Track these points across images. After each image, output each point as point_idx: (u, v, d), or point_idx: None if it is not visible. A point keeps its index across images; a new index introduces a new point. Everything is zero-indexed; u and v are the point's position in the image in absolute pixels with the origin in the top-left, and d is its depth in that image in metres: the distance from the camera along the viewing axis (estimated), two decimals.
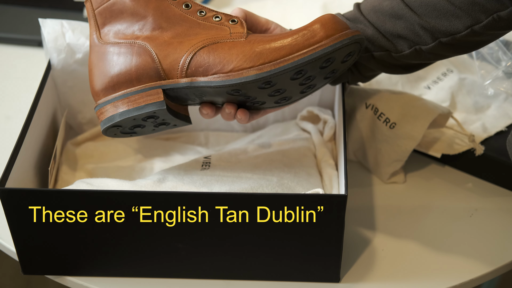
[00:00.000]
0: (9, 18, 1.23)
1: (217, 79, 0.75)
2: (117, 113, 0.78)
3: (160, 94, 0.77)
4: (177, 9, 0.79)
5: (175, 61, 0.77)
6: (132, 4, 0.79)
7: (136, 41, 0.79)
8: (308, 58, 0.74)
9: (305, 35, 0.75)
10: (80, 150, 0.96)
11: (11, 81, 1.13)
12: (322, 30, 0.75)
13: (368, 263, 0.84)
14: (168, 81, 0.78)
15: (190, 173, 0.85)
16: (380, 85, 1.05)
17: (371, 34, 0.81)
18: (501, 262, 0.84)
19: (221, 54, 0.76)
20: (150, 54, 0.78)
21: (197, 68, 0.76)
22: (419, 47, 0.81)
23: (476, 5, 0.76)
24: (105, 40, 0.80)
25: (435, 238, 0.87)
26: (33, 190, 0.76)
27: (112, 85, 0.79)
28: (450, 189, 0.95)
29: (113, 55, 0.79)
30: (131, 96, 0.78)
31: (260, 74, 0.74)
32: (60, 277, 0.82)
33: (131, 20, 0.80)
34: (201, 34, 0.78)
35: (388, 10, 0.80)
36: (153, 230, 0.77)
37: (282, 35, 0.76)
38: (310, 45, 0.75)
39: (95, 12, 0.80)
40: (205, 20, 0.79)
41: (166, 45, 0.78)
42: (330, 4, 1.23)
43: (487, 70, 1.03)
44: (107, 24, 0.80)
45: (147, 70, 0.78)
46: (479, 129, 0.98)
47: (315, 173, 0.88)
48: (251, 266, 0.80)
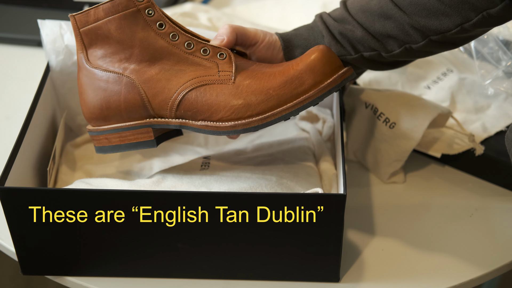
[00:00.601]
0: (9, 18, 1.23)
1: (206, 129, 0.77)
2: (109, 146, 0.82)
3: (150, 133, 0.80)
4: (163, 41, 0.77)
5: (164, 101, 0.78)
6: (118, 33, 0.78)
7: (124, 73, 0.78)
8: (295, 112, 0.76)
9: (293, 83, 0.76)
10: (80, 151, 0.96)
11: (11, 81, 1.13)
12: (310, 77, 0.76)
13: (367, 263, 0.84)
14: (159, 120, 0.79)
15: (189, 173, 0.85)
16: (380, 85, 1.05)
17: (361, 36, 0.81)
18: (501, 262, 0.84)
19: (209, 100, 0.76)
20: (139, 91, 0.78)
21: (186, 111, 0.77)
22: (409, 46, 0.80)
23: (466, 4, 0.76)
24: (93, 64, 0.79)
25: (435, 238, 0.87)
26: (33, 189, 0.76)
27: (102, 116, 0.80)
28: (450, 189, 0.95)
29: (101, 83, 0.79)
30: (122, 132, 0.80)
31: (248, 128, 0.76)
32: (60, 277, 0.82)
33: (117, 47, 0.78)
34: (189, 71, 0.78)
35: (377, 10, 0.80)
36: (153, 230, 0.77)
37: (270, 78, 0.76)
38: (298, 95, 0.76)
39: (80, 31, 0.79)
40: (192, 54, 0.78)
41: (154, 82, 0.78)
42: (330, 4, 1.23)
43: (487, 70, 1.03)
44: (93, 46, 0.79)
45: (136, 108, 0.79)
46: (479, 129, 0.98)
47: (315, 173, 0.88)
48: (250, 266, 0.80)
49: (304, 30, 0.85)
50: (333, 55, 0.77)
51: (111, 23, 0.77)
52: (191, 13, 1.12)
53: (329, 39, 0.82)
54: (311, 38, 0.83)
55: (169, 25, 0.77)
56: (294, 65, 0.77)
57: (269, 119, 0.76)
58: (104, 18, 0.77)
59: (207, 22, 1.10)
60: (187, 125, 0.78)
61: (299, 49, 0.83)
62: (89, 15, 0.77)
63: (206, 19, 1.11)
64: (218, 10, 1.21)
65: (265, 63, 0.81)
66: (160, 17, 0.77)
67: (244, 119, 0.76)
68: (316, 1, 1.24)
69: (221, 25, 1.10)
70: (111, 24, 0.77)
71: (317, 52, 0.77)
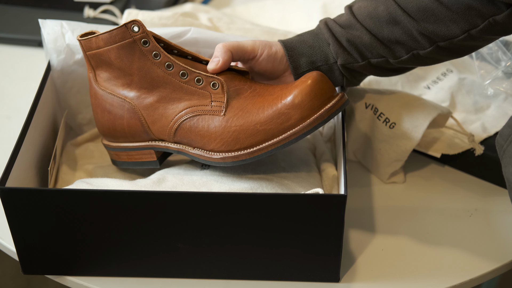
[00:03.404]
0: (9, 18, 1.23)
1: (200, 158, 0.81)
2: (119, 161, 0.89)
3: (153, 155, 0.86)
4: (159, 70, 0.80)
5: (162, 128, 0.82)
6: (117, 62, 0.81)
7: (126, 99, 0.82)
8: (283, 147, 0.78)
9: (280, 118, 0.77)
10: (80, 150, 0.96)
11: (11, 81, 1.13)
12: (296, 112, 0.77)
13: (368, 263, 0.84)
14: (159, 144, 0.84)
15: (190, 173, 0.85)
16: (380, 85, 1.05)
17: (369, 42, 0.81)
18: (501, 261, 0.84)
19: (201, 131, 0.80)
20: (139, 117, 0.82)
21: (182, 139, 0.81)
22: (416, 52, 0.81)
23: (472, 10, 0.76)
24: (100, 85, 0.83)
25: (434, 238, 0.87)
26: (33, 190, 0.76)
27: (111, 135, 0.86)
28: (450, 189, 0.95)
29: (107, 105, 0.84)
30: (129, 151, 0.87)
31: (236, 162, 0.79)
32: (60, 277, 0.82)
33: (119, 73, 0.82)
34: (184, 100, 0.80)
35: (385, 16, 0.80)
36: (153, 230, 0.77)
37: (259, 111, 0.78)
38: (285, 130, 0.77)
39: (87, 54, 0.83)
40: (187, 84, 0.80)
41: (153, 109, 0.82)
42: (330, 4, 1.23)
43: (486, 70, 1.03)
44: (99, 68, 0.83)
45: (138, 132, 0.84)
46: (479, 129, 0.98)
47: (315, 173, 0.88)
48: (251, 266, 0.80)
49: (309, 36, 0.84)
50: (324, 86, 0.77)
51: (111, 52, 0.80)
52: (191, 13, 1.12)
53: (335, 47, 0.82)
54: (316, 46, 0.83)
55: (163, 55, 0.80)
56: (283, 95, 0.78)
57: (257, 154, 0.78)
58: (104, 47, 0.80)
59: (207, 22, 1.10)
60: (184, 151, 0.82)
61: (304, 57, 0.83)
62: (92, 42, 0.81)
63: (207, 19, 1.11)
64: (218, 10, 1.21)
65: (260, 85, 0.82)
66: (155, 47, 0.80)
67: (233, 152, 0.79)
68: (316, 1, 1.24)
69: (221, 25, 1.10)
70: (111, 53, 0.80)
71: (306, 84, 0.77)
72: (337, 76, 0.84)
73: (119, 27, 0.79)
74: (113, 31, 0.79)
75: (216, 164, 0.80)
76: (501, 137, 0.76)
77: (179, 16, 1.09)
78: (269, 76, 0.86)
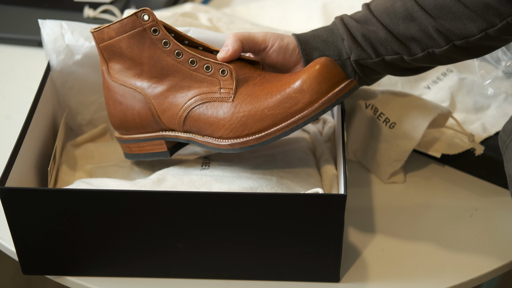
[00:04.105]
0: (9, 18, 1.23)
1: (209, 145, 0.81)
2: (130, 154, 0.89)
3: (163, 145, 0.86)
4: (169, 58, 0.81)
5: (172, 117, 0.82)
6: (128, 51, 0.82)
7: (137, 89, 0.83)
8: (291, 131, 0.77)
9: (287, 102, 0.77)
10: (80, 151, 0.96)
11: (11, 81, 1.13)
12: (304, 96, 0.76)
13: (367, 263, 0.84)
14: (169, 134, 0.84)
15: (190, 173, 0.85)
16: (380, 85, 1.05)
17: (384, 37, 0.80)
18: (501, 262, 0.84)
19: (210, 118, 0.79)
20: (149, 107, 0.83)
21: (192, 127, 0.81)
22: (432, 50, 0.80)
23: (490, 9, 0.75)
24: (113, 77, 0.84)
25: (434, 238, 0.87)
26: (33, 190, 0.76)
27: (123, 127, 0.87)
28: (450, 189, 0.95)
29: (119, 97, 0.85)
30: (140, 143, 0.87)
31: (245, 147, 0.78)
32: (60, 277, 0.82)
33: (130, 64, 0.83)
34: (194, 88, 0.81)
35: (402, 12, 0.79)
36: (153, 230, 0.77)
37: (267, 96, 0.78)
38: (293, 115, 0.77)
39: (100, 46, 0.83)
40: (196, 71, 0.80)
41: (163, 98, 0.82)
42: (330, 4, 1.23)
43: (486, 70, 1.03)
44: (112, 60, 0.84)
45: (148, 122, 0.84)
46: (479, 129, 0.98)
47: (315, 173, 0.88)
48: (250, 266, 0.80)
49: (323, 31, 0.84)
50: (332, 70, 0.77)
51: (122, 42, 0.81)
52: (191, 13, 1.12)
53: (349, 42, 0.81)
54: (330, 40, 0.83)
55: (173, 43, 0.80)
56: (292, 80, 0.77)
57: (265, 139, 0.78)
58: (115, 37, 0.81)
59: (207, 22, 1.10)
60: (194, 140, 0.82)
61: (317, 51, 0.82)
62: (103, 33, 0.82)
63: (206, 19, 1.11)
64: (218, 10, 1.21)
65: (269, 73, 0.82)
66: (165, 35, 0.80)
67: (241, 138, 0.78)
68: (316, 1, 1.25)
69: (221, 25, 1.10)
70: (122, 43, 0.81)
71: (314, 68, 0.77)
72: (350, 72, 0.84)
73: (129, 16, 0.80)
74: (124, 20, 0.80)
75: (225, 151, 0.79)
76: (504, 132, 0.75)
77: (179, 16, 1.09)
78: (280, 69, 0.85)
